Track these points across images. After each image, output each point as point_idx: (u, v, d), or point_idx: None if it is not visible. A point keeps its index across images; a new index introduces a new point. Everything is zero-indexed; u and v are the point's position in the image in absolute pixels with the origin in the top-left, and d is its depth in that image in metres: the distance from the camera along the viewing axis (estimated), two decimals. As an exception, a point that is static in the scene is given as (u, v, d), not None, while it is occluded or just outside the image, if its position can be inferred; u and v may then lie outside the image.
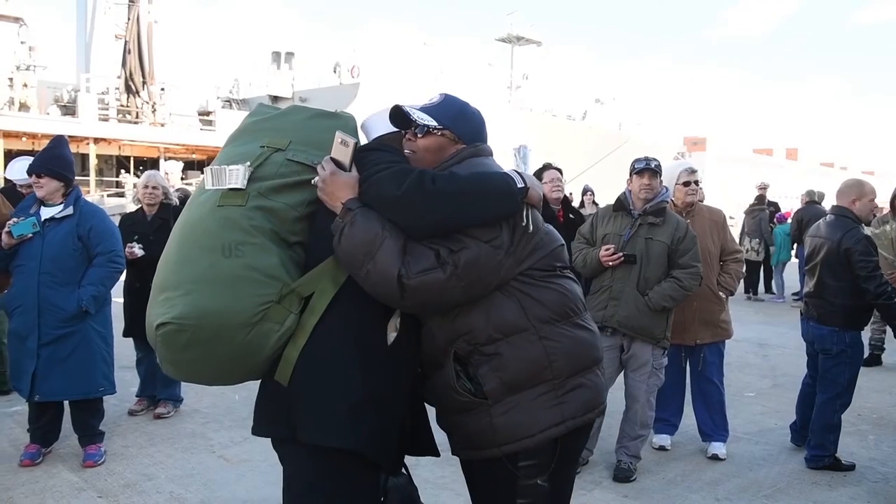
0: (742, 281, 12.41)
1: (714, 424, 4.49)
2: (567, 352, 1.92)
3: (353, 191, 1.85)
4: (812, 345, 4.42)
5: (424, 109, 2.01)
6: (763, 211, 12.02)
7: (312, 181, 1.89)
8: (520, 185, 1.87)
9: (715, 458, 4.40)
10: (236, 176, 1.87)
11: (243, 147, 1.98)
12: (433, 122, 1.98)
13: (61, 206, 4.09)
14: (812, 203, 10.95)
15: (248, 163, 1.89)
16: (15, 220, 4.00)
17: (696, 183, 4.44)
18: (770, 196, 12.68)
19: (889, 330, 7.28)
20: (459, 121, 2.03)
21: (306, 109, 2.10)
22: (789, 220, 11.81)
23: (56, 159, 4.12)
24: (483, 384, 1.88)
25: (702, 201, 4.86)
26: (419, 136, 1.99)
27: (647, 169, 4.02)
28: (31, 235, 3.97)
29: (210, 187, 1.92)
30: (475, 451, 1.96)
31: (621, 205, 4.14)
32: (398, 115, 2.00)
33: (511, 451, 1.88)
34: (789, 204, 17.24)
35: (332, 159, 1.89)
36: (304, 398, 1.81)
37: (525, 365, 1.87)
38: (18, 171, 5.60)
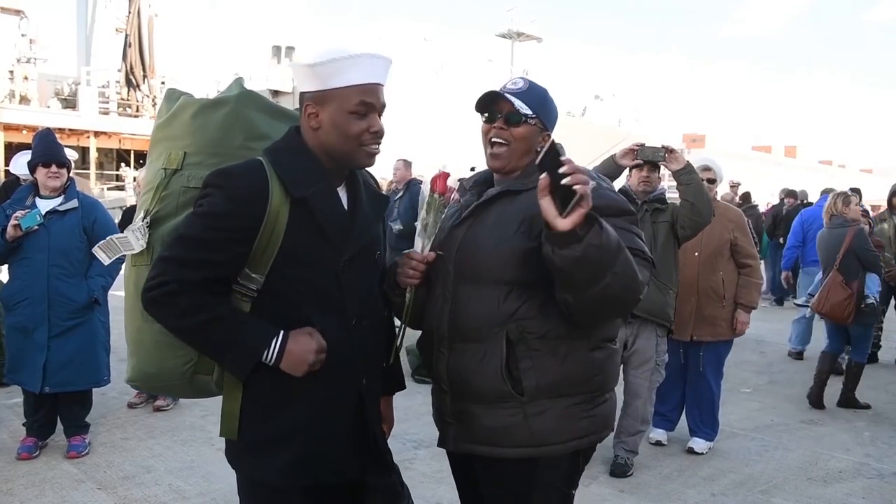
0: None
1: (701, 422, 4.50)
2: (607, 369, 1.87)
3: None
4: None
5: (513, 94, 1.84)
6: (754, 208, 11.99)
7: (585, 205, 1.47)
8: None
9: (691, 450, 4.43)
10: (127, 244, 1.79)
11: (151, 168, 1.87)
12: (529, 111, 1.83)
13: (62, 199, 4.09)
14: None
15: (144, 215, 1.78)
16: (22, 212, 3.95)
17: (712, 181, 4.40)
18: (769, 194, 12.71)
19: (885, 328, 7.33)
20: (546, 108, 1.89)
21: (191, 104, 1.85)
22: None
23: (62, 149, 4.17)
24: (522, 379, 1.76)
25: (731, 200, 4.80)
26: (513, 125, 1.84)
27: (646, 161, 4.05)
28: (36, 227, 3.96)
29: (106, 262, 1.92)
30: (495, 448, 1.81)
31: (625, 195, 4.16)
32: (489, 99, 1.86)
33: (545, 453, 1.80)
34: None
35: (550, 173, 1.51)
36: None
37: (571, 373, 1.79)
38: (24, 164, 5.59)
